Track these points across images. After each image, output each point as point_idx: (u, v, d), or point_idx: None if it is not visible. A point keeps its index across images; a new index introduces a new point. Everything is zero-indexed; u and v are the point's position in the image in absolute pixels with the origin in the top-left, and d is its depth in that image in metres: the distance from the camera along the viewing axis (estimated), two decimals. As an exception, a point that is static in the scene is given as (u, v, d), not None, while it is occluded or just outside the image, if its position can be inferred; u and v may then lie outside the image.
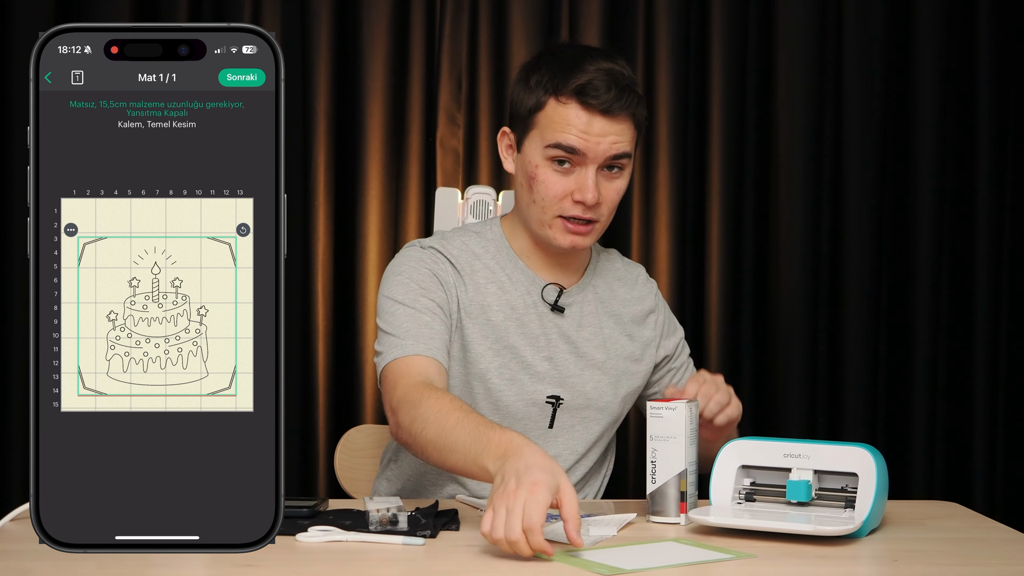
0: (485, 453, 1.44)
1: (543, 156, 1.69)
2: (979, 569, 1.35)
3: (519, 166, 1.75)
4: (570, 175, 1.69)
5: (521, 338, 1.76)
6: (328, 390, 2.65)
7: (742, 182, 2.73)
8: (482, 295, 1.76)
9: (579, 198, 1.68)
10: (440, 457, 1.53)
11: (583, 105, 1.66)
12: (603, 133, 1.66)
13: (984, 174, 2.69)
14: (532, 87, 1.70)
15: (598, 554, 1.36)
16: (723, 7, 2.69)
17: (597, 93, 1.65)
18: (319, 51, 2.63)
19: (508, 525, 1.30)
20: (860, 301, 2.71)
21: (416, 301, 1.72)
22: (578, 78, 1.66)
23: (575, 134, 1.66)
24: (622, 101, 1.66)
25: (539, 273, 1.80)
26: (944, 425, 2.73)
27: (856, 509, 1.49)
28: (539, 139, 1.69)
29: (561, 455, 1.79)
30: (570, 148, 1.67)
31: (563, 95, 1.67)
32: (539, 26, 2.69)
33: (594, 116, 1.66)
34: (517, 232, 1.81)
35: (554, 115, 1.68)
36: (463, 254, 1.79)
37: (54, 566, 1.28)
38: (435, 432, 1.52)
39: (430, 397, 1.57)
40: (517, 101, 1.74)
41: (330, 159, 2.64)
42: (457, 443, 1.49)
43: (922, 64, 2.70)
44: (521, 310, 1.77)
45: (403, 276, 1.75)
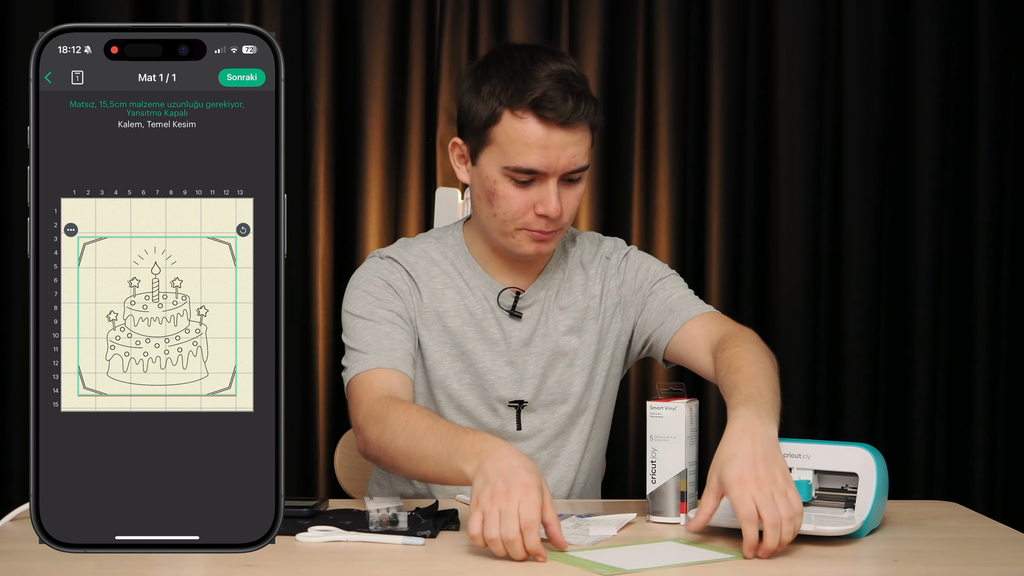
0: (459, 456, 1.43)
1: (502, 174, 1.66)
2: (979, 569, 1.35)
3: (475, 178, 1.72)
4: (530, 188, 1.66)
5: (480, 343, 1.76)
6: (328, 390, 2.65)
7: (742, 182, 2.72)
8: (438, 301, 1.76)
9: (542, 211, 1.66)
10: (412, 466, 1.52)
11: (540, 119, 1.62)
12: (562, 146, 1.63)
13: (984, 174, 2.69)
14: (484, 97, 1.65)
15: (598, 554, 1.36)
16: (723, 7, 2.69)
17: (554, 105, 1.61)
18: (319, 51, 2.63)
19: (504, 526, 1.30)
20: (860, 301, 2.71)
21: (374, 313, 1.72)
22: (533, 89, 1.61)
23: (535, 153, 1.63)
24: (579, 111, 1.63)
25: (497, 277, 1.79)
26: (944, 425, 2.73)
27: (856, 509, 1.49)
28: (498, 155, 1.66)
29: (533, 454, 1.79)
30: (530, 170, 1.64)
31: (519, 108, 1.62)
32: (539, 26, 2.69)
33: (552, 130, 1.62)
34: (476, 238, 1.79)
35: (511, 131, 1.63)
36: (420, 261, 1.78)
37: (54, 566, 1.28)
38: (405, 442, 1.52)
39: (395, 409, 1.56)
40: (468, 111, 1.68)
41: (330, 159, 2.64)
42: (429, 450, 1.48)
43: (922, 64, 2.70)
44: (479, 315, 1.76)
45: (360, 290, 1.75)
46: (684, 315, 1.78)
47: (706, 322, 1.76)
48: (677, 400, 1.56)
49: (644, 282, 1.83)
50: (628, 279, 1.83)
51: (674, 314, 1.78)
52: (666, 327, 1.79)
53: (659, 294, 1.82)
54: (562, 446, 1.81)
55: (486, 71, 1.68)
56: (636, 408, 2.71)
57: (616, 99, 2.71)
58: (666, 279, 1.83)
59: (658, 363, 1.88)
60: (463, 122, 1.71)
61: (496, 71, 1.66)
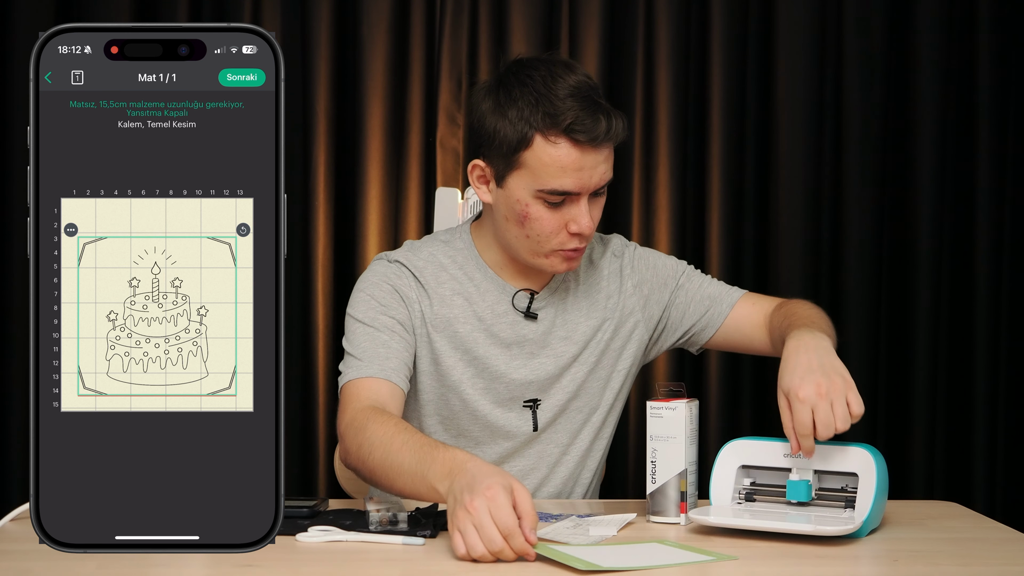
0: (431, 473, 1.43)
1: (534, 197, 1.66)
2: (979, 569, 1.35)
3: (502, 200, 1.70)
4: (562, 208, 1.67)
5: (491, 347, 1.76)
6: (328, 390, 2.65)
7: (742, 182, 2.72)
8: (447, 307, 1.76)
9: (575, 230, 1.67)
10: (388, 481, 1.52)
11: (574, 143, 1.63)
12: (594, 165, 1.65)
13: (984, 174, 2.69)
14: (513, 121, 1.65)
15: (578, 551, 1.35)
16: (723, 7, 2.69)
17: (586, 128, 1.62)
18: (319, 51, 2.63)
19: (485, 537, 1.30)
20: (860, 301, 2.71)
21: (375, 320, 1.72)
22: (564, 114, 1.62)
23: (570, 176, 1.64)
24: (611, 132, 1.64)
25: (510, 281, 1.79)
26: (944, 425, 2.73)
27: (856, 509, 1.49)
28: (529, 180, 1.65)
29: (547, 451, 1.80)
30: (565, 192, 1.65)
31: (551, 133, 1.63)
32: (539, 26, 2.68)
33: (586, 152, 1.64)
34: (490, 245, 1.79)
35: (544, 156, 1.64)
36: (429, 266, 1.78)
37: (54, 566, 1.28)
38: (381, 456, 1.52)
39: (375, 421, 1.56)
40: (493, 134, 1.67)
41: (330, 159, 2.64)
42: (403, 465, 1.48)
43: (922, 64, 2.70)
44: (490, 320, 1.77)
45: (364, 293, 1.75)
46: (729, 299, 1.85)
47: (754, 300, 1.86)
48: (677, 400, 1.56)
49: (667, 278, 1.86)
50: (648, 277, 1.86)
51: (717, 301, 1.85)
52: (713, 314, 1.84)
53: (688, 287, 1.86)
54: (575, 444, 1.82)
55: (509, 93, 1.67)
56: (636, 408, 2.71)
57: (616, 99, 2.71)
58: (688, 271, 1.88)
59: (658, 363, 1.89)
60: (485, 143, 1.69)
61: (520, 93, 1.66)
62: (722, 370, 2.70)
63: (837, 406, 1.50)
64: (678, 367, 2.71)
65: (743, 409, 2.71)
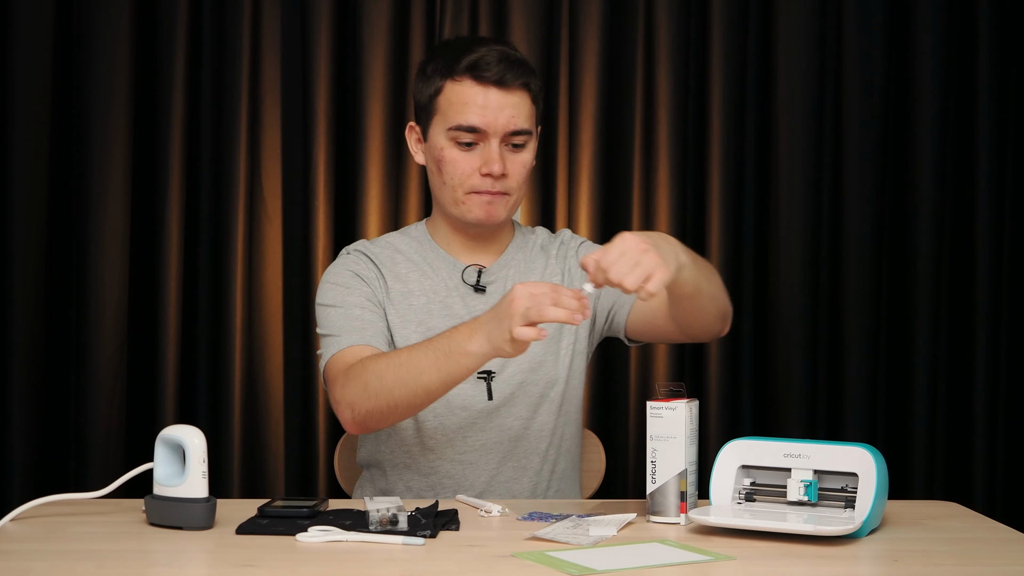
0: (455, 345, 1.54)
1: (447, 139, 1.78)
2: (979, 569, 1.35)
3: (428, 155, 1.84)
4: (475, 151, 1.77)
5: (445, 319, 1.81)
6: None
7: (742, 182, 2.73)
8: (403, 282, 1.85)
9: (486, 171, 1.76)
10: (413, 384, 1.58)
11: (476, 80, 1.75)
12: (499, 106, 1.75)
13: (984, 174, 2.69)
14: (428, 75, 1.81)
15: (572, 554, 1.35)
16: (723, 7, 2.69)
17: (488, 66, 1.74)
18: (319, 51, 2.62)
19: (537, 299, 1.45)
20: (860, 301, 2.71)
21: (343, 300, 1.80)
22: (469, 57, 1.75)
23: (474, 111, 1.75)
24: (514, 72, 1.75)
25: (460, 258, 1.87)
26: (944, 425, 2.73)
27: (856, 509, 1.49)
28: (442, 123, 1.78)
29: (507, 423, 1.82)
30: (471, 127, 1.75)
31: (457, 75, 1.76)
32: (539, 26, 2.68)
33: (489, 89, 1.75)
34: (438, 225, 1.89)
35: (451, 96, 1.77)
36: (385, 251, 1.88)
37: (54, 566, 1.28)
38: (395, 371, 1.60)
39: (371, 360, 1.64)
40: (417, 93, 1.84)
41: (330, 159, 2.64)
42: (424, 361, 1.57)
43: (922, 65, 2.70)
44: (443, 294, 1.84)
45: (329, 283, 1.84)
46: None
47: None
48: (677, 400, 1.56)
49: None
50: None
51: None
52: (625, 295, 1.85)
53: None
54: (536, 419, 1.84)
55: (431, 56, 1.85)
56: (636, 408, 2.71)
57: (616, 99, 2.71)
58: None
59: (658, 363, 1.89)
60: (415, 106, 1.86)
61: (440, 53, 1.83)
62: (722, 370, 2.70)
63: (640, 269, 1.44)
64: (678, 367, 2.71)
65: (743, 409, 2.71)
